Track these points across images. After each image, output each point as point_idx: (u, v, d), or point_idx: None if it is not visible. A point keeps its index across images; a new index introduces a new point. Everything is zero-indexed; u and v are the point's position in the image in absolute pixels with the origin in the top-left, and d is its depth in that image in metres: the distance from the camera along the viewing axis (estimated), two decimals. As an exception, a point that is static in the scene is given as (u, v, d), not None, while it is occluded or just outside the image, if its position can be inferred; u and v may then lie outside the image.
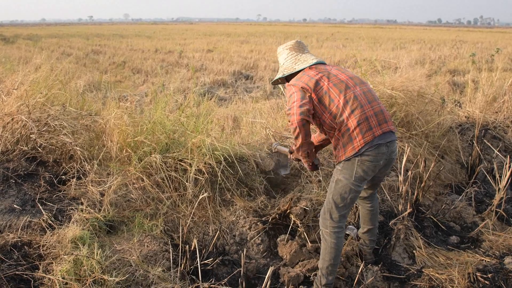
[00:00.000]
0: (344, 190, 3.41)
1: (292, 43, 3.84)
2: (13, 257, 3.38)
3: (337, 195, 3.45)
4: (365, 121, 3.31)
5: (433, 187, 5.37)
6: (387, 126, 3.41)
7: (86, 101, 5.75)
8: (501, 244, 4.46)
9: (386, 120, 3.43)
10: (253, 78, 17.67)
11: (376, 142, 3.31)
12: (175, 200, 4.48)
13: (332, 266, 3.53)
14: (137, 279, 3.45)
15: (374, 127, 3.33)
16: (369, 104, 3.38)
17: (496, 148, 6.05)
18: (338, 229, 3.50)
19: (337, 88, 3.40)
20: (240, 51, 27.45)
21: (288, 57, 3.76)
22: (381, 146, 3.34)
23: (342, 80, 3.45)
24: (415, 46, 31.14)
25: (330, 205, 3.49)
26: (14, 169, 4.47)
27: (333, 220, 3.49)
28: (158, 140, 4.71)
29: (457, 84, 13.59)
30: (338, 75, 3.50)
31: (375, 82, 6.09)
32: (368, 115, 3.33)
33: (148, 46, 31.56)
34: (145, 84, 16.11)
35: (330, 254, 3.50)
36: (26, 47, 26.80)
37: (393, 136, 3.46)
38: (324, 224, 3.54)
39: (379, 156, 3.35)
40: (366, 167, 3.34)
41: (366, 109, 3.35)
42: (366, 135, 3.29)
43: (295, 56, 3.75)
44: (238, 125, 7.77)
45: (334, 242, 3.48)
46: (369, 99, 3.42)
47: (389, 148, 3.40)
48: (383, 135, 3.36)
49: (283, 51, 3.83)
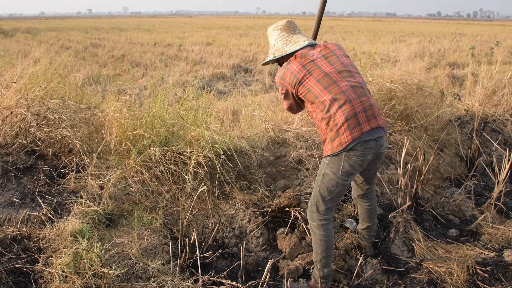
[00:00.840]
0: (331, 184, 3.39)
1: (283, 23, 3.68)
2: (12, 251, 3.39)
3: (324, 189, 3.43)
4: (354, 117, 3.25)
5: (432, 180, 5.37)
6: (376, 122, 3.35)
7: (85, 94, 5.74)
8: (500, 237, 4.46)
9: (375, 116, 3.36)
10: (252, 71, 17.65)
11: (364, 138, 3.27)
12: (175, 193, 4.48)
13: (325, 259, 3.52)
14: (137, 272, 3.45)
15: (363, 123, 3.27)
16: (358, 99, 3.30)
17: (495, 141, 6.05)
18: (326, 221, 3.48)
19: (320, 85, 3.31)
20: (239, 44, 27.40)
21: (279, 38, 3.62)
22: (369, 142, 3.30)
23: (327, 73, 3.35)
24: (414, 39, 31.09)
25: (317, 198, 3.47)
26: (13, 163, 4.46)
27: (319, 213, 3.48)
28: (157, 133, 4.71)
29: (456, 77, 13.58)
30: (323, 67, 3.38)
31: (374, 75, 6.08)
32: (356, 111, 3.26)
33: (147, 39, 31.51)
34: (144, 77, 16.08)
35: (321, 247, 3.49)
36: (24, 41, 26.73)
37: (382, 132, 3.40)
38: (311, 217, 3.53)
39: (366, 151, 3.31)
40: (353, 162, 3.31)
41: (355, 104, 3.27)
42: (354, 131, 3.24)
43: (286, 37, 3.61)
44: (237, 118, 7.78)
45: (323, 235, 3.48)
46: (358, 93, 3.33)
47: (377, 142, 3.36)
48: (371, 131, 3.31)
49: (273, 32, 3.68)
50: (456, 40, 30.58)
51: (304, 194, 4.59)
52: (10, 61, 6.23)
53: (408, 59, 8.51)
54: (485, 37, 33.26)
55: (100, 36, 35.72)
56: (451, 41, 29.34)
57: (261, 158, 5.06)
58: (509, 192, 5.43)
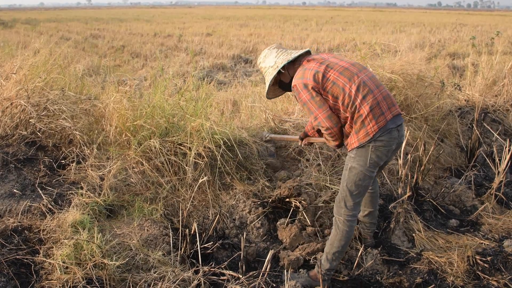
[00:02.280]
0: (359, 178, 3.39)
1: (275, 44, 3.76)
2: (13, 242, 3.39)
3: (351, 183, 3.42)
4: (377, 106, 3.29)
5: (433, 170, 5.37)
6: (396, 109, 3.40)
7: (85, 85, 5.73)
8: (500, 227, 4.48)
9: (394, 104, 3.42)
10: (253, 62, 17.61)
11: (389, 127, 3.30)
12: (175, 184, 4.48)
13: (339, 253, 3.54)
14: (137, 263, 3.46)
15: (385, 112, 3.31)
16: (378, 89, 3.36)
17: (495, 131, 6.04)
18: (352, 218, 3.49)
19: (344, 76, 3.32)
20: (240, 35, 27.32)
21: (279, 53, 3.62)
22: (392, 131, 3.34)
23: (345, 68, 3.39)
24: (414, 29, 30.99)
25: (345, 193, 3.46)
26: (14, 154, 4.46)
27: (347, 208, 3.47)
28: (158, 124, 4.70)
29: (456, 67, 13.56)
30: (338, 63, 3.43)
31: (374, 66, 6.06)
32: (378, 100, 3.31)
33: (147, 30, 31.42)
34: (144, 68, 16.06)
35: (340, 241, 3.50)
36: (24, 32, 26.71)
37: (402, 119, 3.46)
38: (339, 212, 3.52)
39: (391, 141, 3.35)
40: (380, 153, 3.33)
41: (376, 94, 3.32)
42: (379, 120, 3.28)
43: (285, 51, 3.65)
44: (237, 109, 7.76)
45: (346, 231, 3.48)
46: (376, 83, 3.40)
47: (399, 132, 3.41)
48: (393, 118, 3.35)
49: (270, 51, 3.68)
50: (456, 30, 30.51)
51: (304, 184, 4.60)
52: (10, 52, 6.21)
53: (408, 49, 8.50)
54: (485, 27, 33.14)
55: (100, 26, 35.60)
56: (452, 31, 29.28)
57: (261, 148, 5.06)
58: (509, 183, 5.44)
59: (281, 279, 3.66)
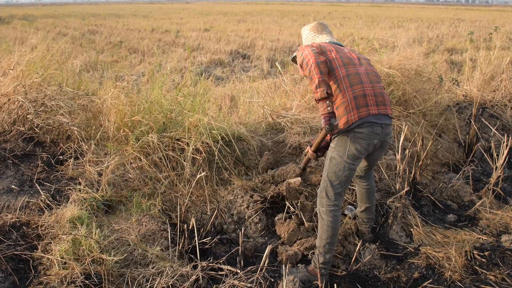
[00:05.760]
0: (338, 168, 3.42)
1: (314, 23, 4.00)
2: (11, 237, 3.39)
3: (332, 173, 3.46)
4: (362, 97, 3.32)
5: (431, 165, 5.38)
6: (385, 109, 3.40)
7: (83, 81, 5.72)
8: (498, 222, 4.48)
9: (385, 103, 3.43)
10: (250, 57, 17.61)
11: (370, 120, 3.31)
12: (173, 179, 4.48)
13: (329, 245, 3.53)
14: (136, 258, 3.47)
15: (371, 105, 3.33)
16: (370, 84, 3.40)
17: (493, 126, 6.05)
18: (334, 208, 3.50)
19: (341, 60, 3.45)
20: (237, 30, 27.29)
21: (308, 37, 3.93)
22: (375, 126, 3.33)
23: (349, 57, 3.52)
24: (412, 24, 30.96)
25: (326, 183, 3.51)
26: (11, 150, 4.45)
27: (329, 198, 3.50)
28: (156, 119, 4.70)
29: (454, 62, 13.57)
30: (348, 53, 3.58)
31: (372, 61, 6.05)
32: (366, 93, 3.34)
33: (145, 25, 31.37)
34: (142, 64, 16.04)
35: (327, 232, 3.50)
36: (21, 28, 26.67)
37: (389, 120, 3.45)
38: (321, 202, 3.55)
39: (372, 135, 3.34)
40: (359, 145, 3.34)
41: (366, 86, 3.36)
42: (361, 110, 3.30)
43: (313, 36, 3.91)
44: (235, 105, 7.77)
45: (330, 221, 3.49)
46: (371, 79, 3.44)
47: (383, 129, 3.40)
48: (379, 115, 3.35)
49: (304, 31, 4.02)
50: (454, 25, 30.48)
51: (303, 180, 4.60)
52: (7, 48, 6.19)
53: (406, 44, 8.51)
54: (483, 22, 33.16)
55: (97, 22, 35.54)
56: (450, 27, 29.25)
57: (259, 144, 5.06)
58: (507, 178, 5.45)
59: (279, 274, 3.67)
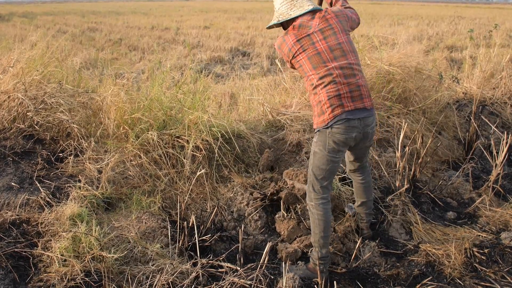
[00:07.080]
0: (321, 162, 3.45)
1: None
2: (11, 235, 3.40)
3: (316, 167, 3.49)
4: (336, 97, 3.31)
5: (430, 163, 5.37)
6: (362, 103, 3.37)
7: (83, 78, 5.71)
8: (497, 219, 4.48)
9: (362, 97, 3.39)
10: (250, 54, 17.60)
11: (345, 117, 3.31)
12: (173, 177, 4.48)
13: (323, 239, 3.53)
14: (136, 255, 3.47)
15: (346, 103, 3.32)
16: (345, 80, 3.33)
17: (493, 124, 6.04)
18: (323, 201, 3.52)
19: (310, 63, 3.39)
20: (237, 28, 27.27)
21: (284, 2, 3.55)
22: (351, 121, 3.34)
23: (319, 52, 3.37)
24: (412, 22, 30.94)
25: (311, 177, 3.54)
26: (11, 147, 4.46)
27: (316, 192, 3.53)
28: (155, 116, 4.70)
29: (454, 60, 13.57)
30: (316, 44, 3.39)
31: (372, 58, 6.04)
32: (341, 92, 3.32)
33: (145, 23, 31.34)
34: (142, 61, 16.04)
35: (318, 226, 3.52)
36: (21, 25, 26.63)
37: (367, 113, 3.42)
38: (309, 197, 3.58)
39: (349, 129, 3.34)
40: (337, 139, 3.36)
41: (340, 85, 3.32)
42: (336, 109, 3.31)
43: (290, 2, 3.55)
44: (235, 102, 7.76)
45: (320, 214, 3.50)
46: (345, 74, 3.35)
47: (362, 122, 3.39)
48: (355, 111, 3.34)
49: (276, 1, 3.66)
50: (454, 23, 30.47)
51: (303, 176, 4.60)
52: (7, 45, 6.18)
53: (406, 42, 8.47)
54: (483, 20, 33.09)
55: (97, 20, 35.51)
56: (450, 24, 29.24)
57: (259, 141, 5.06)
58: (506, 175, 5.45)
59: (279, 271, 3.67)
